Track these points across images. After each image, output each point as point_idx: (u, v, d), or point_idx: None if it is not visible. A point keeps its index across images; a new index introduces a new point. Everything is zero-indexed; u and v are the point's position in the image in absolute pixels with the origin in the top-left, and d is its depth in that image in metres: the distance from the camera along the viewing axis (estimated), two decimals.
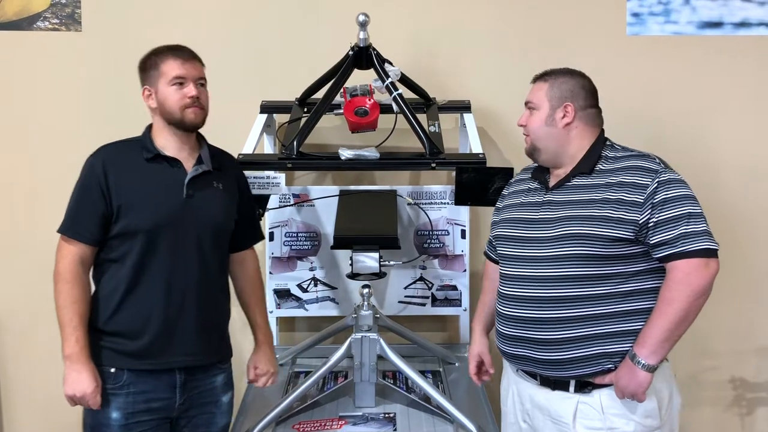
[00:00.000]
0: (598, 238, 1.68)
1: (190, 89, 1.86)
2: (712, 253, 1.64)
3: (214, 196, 1.92)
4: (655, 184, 1.67)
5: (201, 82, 1.90)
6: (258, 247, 2.64)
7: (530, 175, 1.91)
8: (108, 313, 1.84)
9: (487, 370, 2.00)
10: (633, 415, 1.70)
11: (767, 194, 2.69)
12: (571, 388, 1.73)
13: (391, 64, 2.29)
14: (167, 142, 1.89)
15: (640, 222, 1.66)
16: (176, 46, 1.91)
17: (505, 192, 1.99)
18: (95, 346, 1.83)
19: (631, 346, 1.68)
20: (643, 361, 1.64)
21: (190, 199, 1.86)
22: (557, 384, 1.75)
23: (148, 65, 1.89)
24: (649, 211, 1.66)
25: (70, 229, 1.84)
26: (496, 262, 1.98)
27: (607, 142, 1.83)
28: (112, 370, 1.83)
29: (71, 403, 1.82)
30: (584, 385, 1.73)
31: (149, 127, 1.93)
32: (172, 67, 1.86)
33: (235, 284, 2.08)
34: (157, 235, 1.83)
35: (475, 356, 2.00)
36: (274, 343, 2.55)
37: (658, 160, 1.74)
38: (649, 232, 1.66)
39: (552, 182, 1.82)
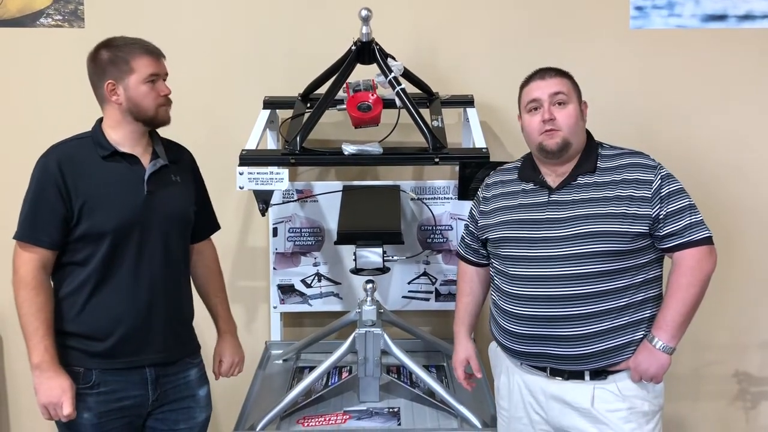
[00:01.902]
0: (622, 234, 1.73)
1: (165, 87, 1.86)
2: (712, 241, 1.75)
3: (174, 190, 1.91)
4: (659, 180, 1.75)
5: (165, 78, 1.90)
6: (262, 242, 2.67)
7: (516, 177, 1.90)
8: (72, 314, 1.80)
9: (475, 374, 2.01)
10: (648, 395, 1.77)
11: None
12: (587, 377, 1.77)
13: (393, 58, 2.28)
14: (124, 138, 1.85)
15: (653, 216, 1.73)
16: (145, 42, 1.87)
17: (486, 194, 1.95)
18: (60, 347, 1.79)
19: (647, 332, 1.74)
20: (665, 345, 1.72)
21: (151, 196, 1.84)
22: (571, 374, 1.78)
23: (116, 59, 1.82)
24: (659, 204, 1.73)
25: (28, 234, 1.78)
26: (475, 264, 2.01)
27: (596, 141, 1.87)
28: (80, 370, 1.80)
29: (45, 414, 1.76)
30: (599, 373, 1.77)
31: (99, 122, 1.89)
32: (146, 64, 1.83)
33: (194, 275, 2.07)
34: (122, 236, 1.80)
35: (462, 361, 2.00)
36: (278, 339, 2.58)
37: (651, 157, 1.82)
38: (659, 224, 1.73)
39: (553, 182, 1.82)
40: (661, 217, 1.72)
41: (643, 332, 1.75)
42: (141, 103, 1.84)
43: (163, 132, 2.00)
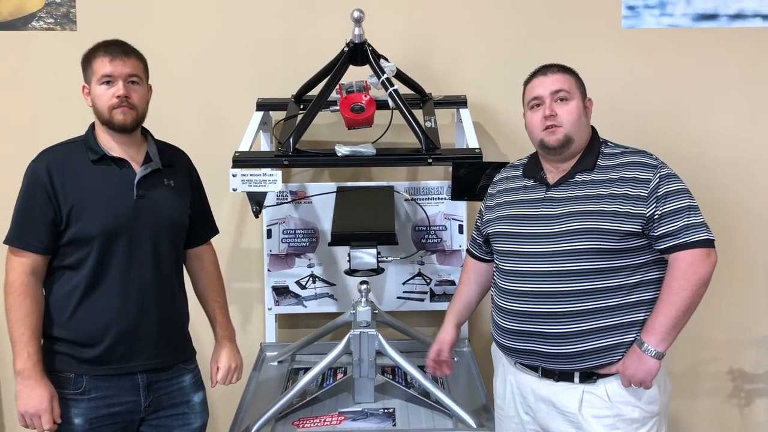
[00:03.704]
0: (609, 232, 1.71)
1: (118, 88, 1.78)
2: (711, 244, 1.70)
3: (165, 195, 1.88)
4: (657, 179, 1.72)
5: (133, 80, 1.82)
6: (256, 244, 2.67)
7: (521, 173, 1.91)
8: (62, 319, 1.79)
9: (446, 361, 2.03)
10: (638, 402, 1.74)
11: (763, 186, 2.70)
12: (576, 379, 1.76)
13: (386, 59, 2.29)
14: (111, 142, 1.84)
15: (647, 215, 1.70)
16: (110, 42, 1.84)
17: (492, 190, 1.98)
18: (51, 352, 1.79)
19: (637, 336, 1.72)
20: (652, 349, 1.69)
21: (141, 200, 1.82)
22: (561, 376, 1.77)
23: (85, 63, 1.83)
24: (654, 204, 1.71)
25: (17, 239, 1.77)
26: (478, 259, 2.02)
27: (601, 139, 1.86)
28: (71, 376, 1.79)
29: (22, 422, 1.76)
30: (589, 376, 1.75)
31: (93, 126, 1.88)
32: (100, 65, 1.79)
33: (193, 280, 2.06)
34: (111, 240, 1.79)
35: (439, 342, 2.02)
36: (273, 341, 2.58)
37: (654, 156, 1.79)
38: (654, 224, 1.71)
39: (552, 179, 1.83)
40: (656, 217, 1.70)
41: (634, 335, 1.72)
42: (96, 106, 1.82)
43: (158, 134, 2.00)
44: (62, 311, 1.80)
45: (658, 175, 1.73)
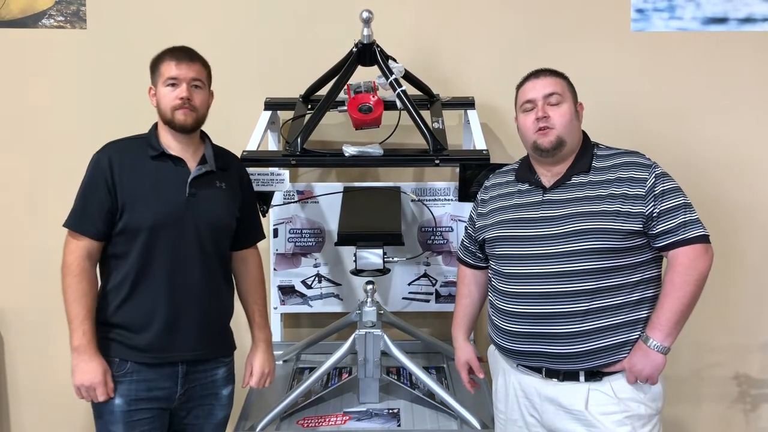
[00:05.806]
0: (613, 232, 1.73)
1: (181, 90, 1.88)
2: (708, 239, 1.74)
3: (216, 196, 1.93)
4: (653, 178, 1.76)
5: (196, 84, 1.91)
6: (262, 243, 2.67)
7: (513, 178, 1.91)
8: (114, 306, 1.86)
9: (477, 375, 2.02)
10: (644, 398, 1.76)
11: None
12: (581, 378, 1.77)
13: (394, 60, 2.29)
14: (170, 141, 1.92)
15: (646, 213, 1.73)
16: (177, 48, 1.93)
17: (484, 197, 1.97)
18: (101, 337, 1.86)
19: (642, 333, 1.74)
20: (659, 345, 1.71)
21: (192, 198, 1.88)
22: (566, 375, 1.78)
23: (153, 66, 1.92)
24: (653, 202, 1.73)
25: (76, 223, 1.86)
26: (474, 267, 2.01)
27: (592, 141, 1.88)
28: (116, 359, 1.86)
29: (78, 394, 1.84)
30: (594, 374, 1.76)
31: (156, 125, 1.96)
32: (167, 68, 1.89)
33: (237, 282, 2.09)
34: (158, 234, 1.85)
35: (464, 365, 2.01)
36: (278, 340, 2.58)
37: (646, 156, 1.82)
38: (653, 222, 1.73)
39: (548, 182, 1.84)
40: (655, 215, 1.73)
41: (639, 332, 1.75)
42: (160, 106, 1.91)
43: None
44: (113, 299, 1.87)
45: (654, 174, 1.76)
